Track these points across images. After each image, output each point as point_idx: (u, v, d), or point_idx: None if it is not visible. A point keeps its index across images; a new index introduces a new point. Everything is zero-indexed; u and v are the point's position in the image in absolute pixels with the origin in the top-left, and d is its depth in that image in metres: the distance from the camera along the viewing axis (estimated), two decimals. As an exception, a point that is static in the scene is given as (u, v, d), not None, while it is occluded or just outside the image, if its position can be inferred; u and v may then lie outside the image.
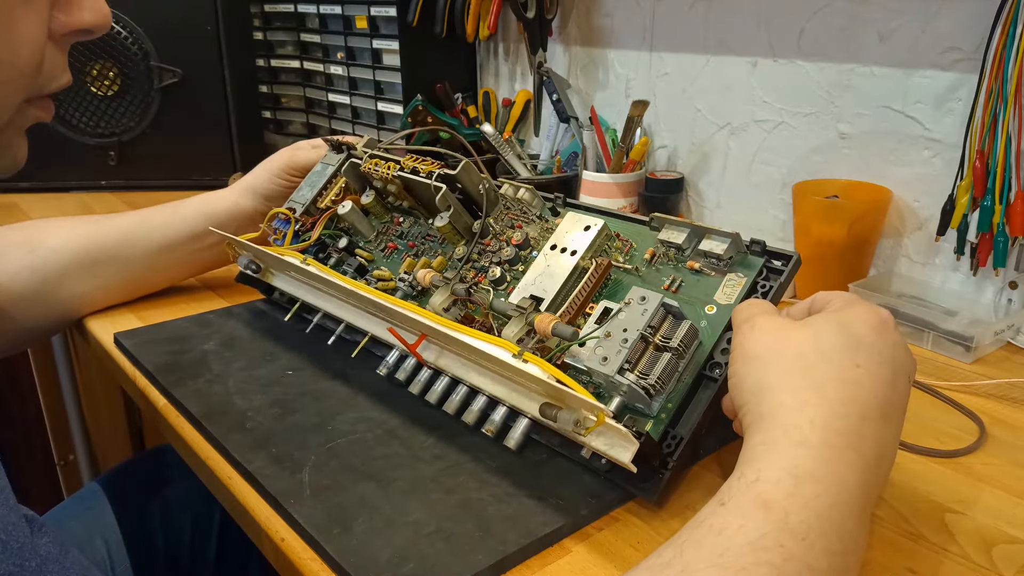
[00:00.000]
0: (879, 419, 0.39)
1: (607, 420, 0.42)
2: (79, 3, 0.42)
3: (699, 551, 0.34)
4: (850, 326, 0.41)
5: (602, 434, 0.45)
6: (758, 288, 0.50)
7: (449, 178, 0.60)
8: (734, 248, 0.51)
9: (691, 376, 0.48)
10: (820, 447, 0.36)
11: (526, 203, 0.61)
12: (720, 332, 0.49)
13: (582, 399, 0.42)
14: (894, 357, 0.41)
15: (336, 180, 0.71)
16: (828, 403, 0.38)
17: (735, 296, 0.50)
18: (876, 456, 0.38)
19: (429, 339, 0.55)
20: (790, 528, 0.34)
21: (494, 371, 0.51)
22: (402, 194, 0.65)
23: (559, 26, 1.11)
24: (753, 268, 0.51)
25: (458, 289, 0.56)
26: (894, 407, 0.40)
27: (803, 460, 0.36)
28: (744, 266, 0.51)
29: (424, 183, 0.61)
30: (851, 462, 0.36)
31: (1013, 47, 0.64)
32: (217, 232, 0.70)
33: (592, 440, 0.45)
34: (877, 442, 0.38)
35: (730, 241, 0.51)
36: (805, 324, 0.42)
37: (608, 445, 0.44)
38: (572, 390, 0.42)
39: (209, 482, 0.54)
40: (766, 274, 0.51)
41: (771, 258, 0.51)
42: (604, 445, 0.45)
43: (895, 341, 0.42)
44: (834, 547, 0.34)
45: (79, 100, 1.14)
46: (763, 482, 0.36)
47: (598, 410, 0.41)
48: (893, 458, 0.40)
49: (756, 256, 0.51)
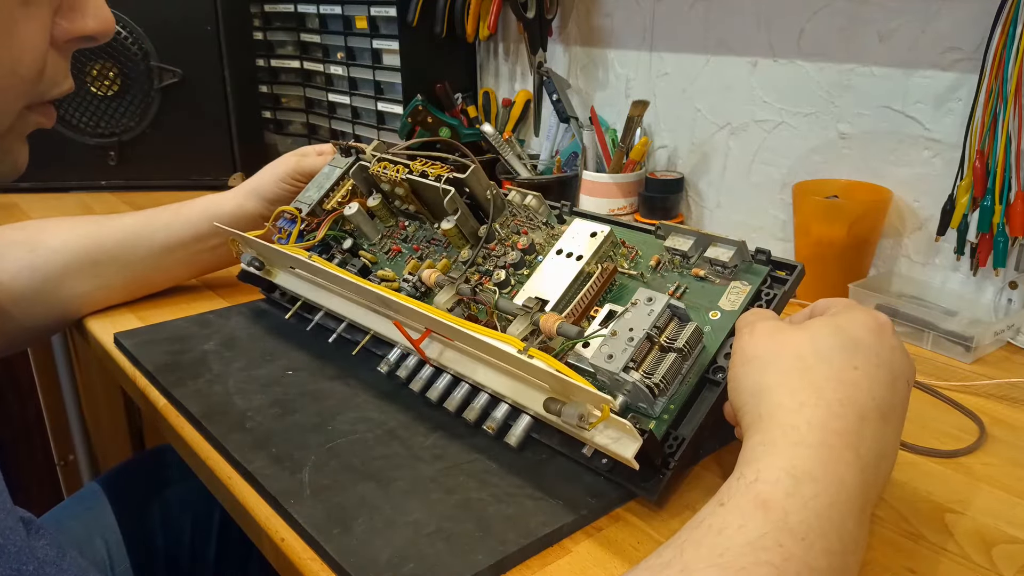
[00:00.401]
0: (877, 420, 0.39)
1: (611, 415, 0.42)
2: (82, 10, 0.42)
3: (699, 551, 0.34)
4: (848, 329, 0.41)
5: (605, 430, 0.45)
6: (762, 296, 0.51)
7: (458, 182, 0.60)
8: (739, 256, 0.52)
9: (695, 378, 0.48)
10: (818, 447, 0.37)
11: (532, 210, 0.62)
12: (724, 337, 0.49)
13: (588, 391, 0.42)
14: (892, 360, 0.41)
15: (343, 183, 0.71)
16: (826, 404, 0.38)
17: (739, 303, 0.50)
18: (875, 456, 0.38)
19: (433, 335, 0.55)
20: (789, 528, 0.34)
21: (498, 367, 0.51)
22: (409, 197, 0.65)
23: (559, 26, 1.11)
24: (758, 276, 0.51)
25: (463, 288, 0.56)
26: (893, 408, 0.40)
27: (801, 460, 0.36)
28: (749, 274, 0.52)
29: (433, 186, 0.61)
30: (849, 462, 0.37)
31: (1013, 47, 0.64)
32: (222, 228, 0.70)
33: (595, 436, 0.45)
34: (876, 442, 0.38)
35: (735, 249, 0.51)
36: (803, 327, 0.42)
37: (611, 440, 0.45)
38: (578, 383, 0.42)
39: (209, 482, 0.54)
40: (770, 283, 0.51)
41: (776, 267, 0.51)
42: (607, 440, 0.45)
43: (893, 344, 0.42)
44: (834, 547, 0.34)
45: (79, 100, 1.14)
46: (762, 482, 0.36)
47: (603, 402, 0.41)
48: (893, 459, 0.40)
49: (761, 265, 0.52)
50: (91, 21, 0.42)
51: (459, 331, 0.48)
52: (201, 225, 0.74)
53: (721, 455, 0.52)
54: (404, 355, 0.59)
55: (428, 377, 0.57)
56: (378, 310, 0.61)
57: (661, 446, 0.45)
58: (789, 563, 0.33)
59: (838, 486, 0.36)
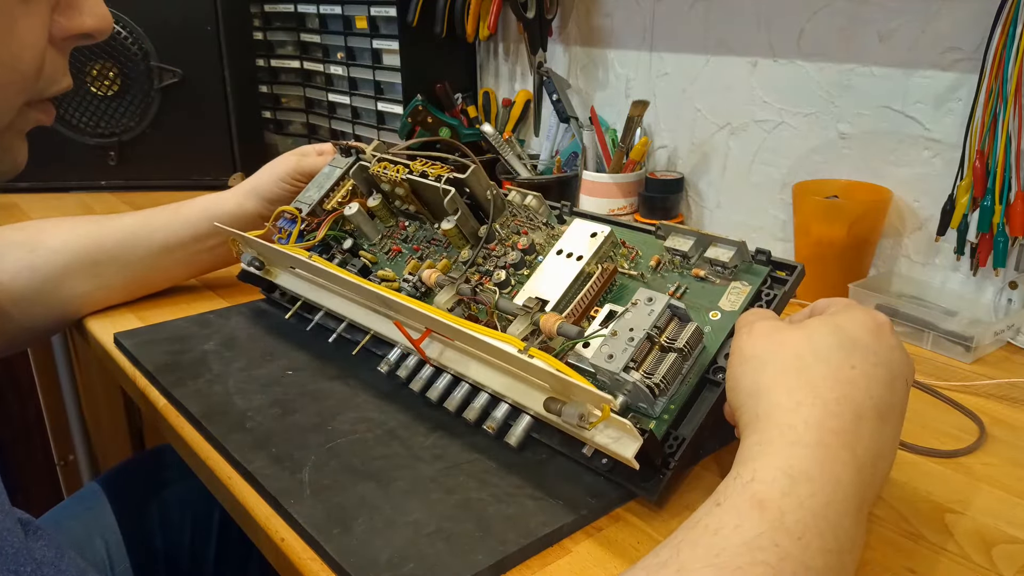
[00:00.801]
0: (875, 419, 0.39)
1: (612, 414, 0.42)
2: (80, 8, 0.42)
3: (695, 551, 0.34)
4: (846, 328, 0.41)
5: (605, 429, 0.45)
6: (762, 296, 0.51)
7: (458, 182, 0.60)
8: (739, 257, 0.52)
9: (695, 378, 0.48)
10: (815, 447, 0.36)
11: (533, 210, 0.62)
12: (724, 337, 0.49)
13: (588, 390, 0.42)
14: (890, 359, 0.41)
15: (344, 183, 0.71)
16: (823, 403, 0.38)
17: (739, 303, 0.50)
18: (872, 456, 0.38)
19: (433, 335, 0.55)
20: (786, 527, 0.34)
21: (499, 367, 0.51)
22: (409, 198, 0.65)
23: (559, 26, 1.11)
24: (758, 276, 0.51)
25: (464, 288, 0.56)
26: (891, 408, 0.40)
27: (798, 460, 0.36)
28: (749, 274, 0.52)
29: (433, 186, 0.61)
30: (846, 461, 0.36)
31: (1013, 47, 0.64)
32: (223, 228, 0.70)
33: (595, 436, 0.45)
34: (873, 442, 0.38)
35: (736, 249, 0.51)
36: (801, 326, 0.42)
37: (611, 440, 0.45)
38: (578, 382, 0.42)
39: (209, 482, 0.54)
40: (770, 283, 0.51)
41: (776, 268, 0.51)
42: (607, 440, 0.45)
43: (892, 344, 0.42)
44: (830, 546, 0.34)
45: (79, 100, 1.14)
46: (758, 482, 0.36)
47: (604, 402, 0.41)
48: (892, 458, 0.40)
49: (761, 265, 0.52)
50: (89, 19, 0.43)
51: (459, 331, 0.48)
52: (200, 225, 0.74)
53: (721, 455, 0.52)
54: (404, 355, 0.59)
55: (428, 377, 0.57)
56: (378, 310, 0.61)
57: (661, 446, 0.45)
58: (785, 563, 0.33)
59: (834, 485, 0.36)
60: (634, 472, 0.45)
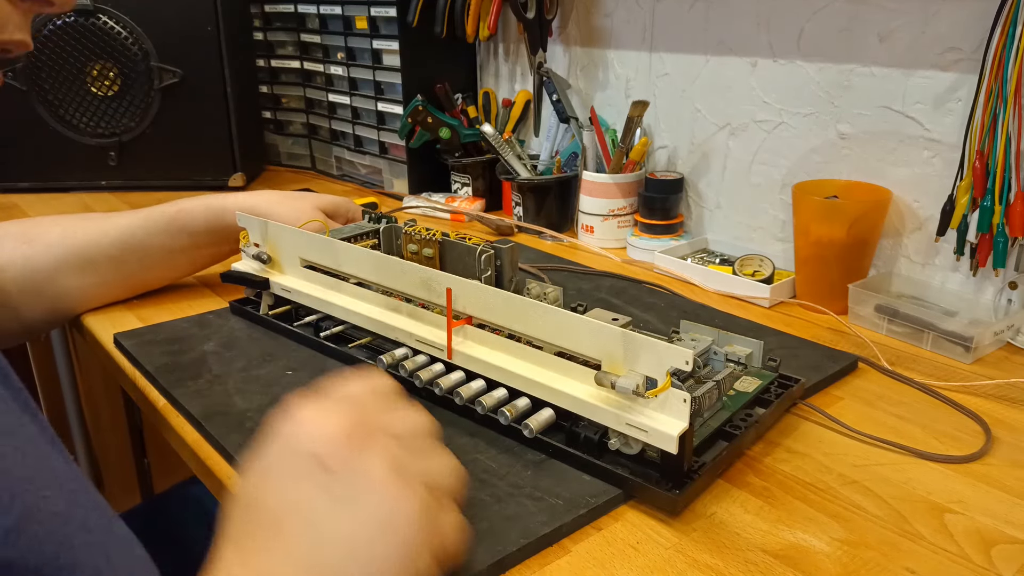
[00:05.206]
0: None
1: (672, 387, 0.44)
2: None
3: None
4: (298, 447, 0.36)
5: (646, 409, 0.46)
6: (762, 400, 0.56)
7: (496, 249, 0.59)
8: (755, 358, 0.58)
9: (716, 423, 0.52)
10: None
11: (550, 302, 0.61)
12: (739, 407, 0.54)
13: (657, 344, 0.44)
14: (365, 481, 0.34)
15: (369, 239, 0.69)
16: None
17: (751, 389, 0.56)
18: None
19: (471, 321, 0.56)
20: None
21: (534, 356, 0.52)
22: (434, 260, 0.63)
23: (559, 26, 1.11)
24: (764, 380, 0.57)
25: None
26: (386, 560, 0.33)
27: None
28: (757, 377, 0.57)
29: (466, 247, 0.59)
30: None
31: (1013, 47, 0.64)
32: (245, 216, 0.70)
33: (639, 414, 0.46)
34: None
35: (751, 351, 0.58)
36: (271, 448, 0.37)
37: (654, 419, 0.45)
38: (653, 339, 0.45)
39: (209, 482, 0.54)
40: (776, 387, 0.57)
41: (781, 378, 0.58)
42: (650, 420, 0.45)
43: (370, 451, 0.35)
44: None
45: (79, 100, 1.14)
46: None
47: (682, 359, 0.43)
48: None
49: (769, 372, 0.58)
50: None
51: (527, 303, 0.50)
52: (198, 224, 0.74)
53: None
54: (404, 355, 0.59)
55: (428, 377, 0.57)
56: (404, 303, 0.60)
57: (690, 455, 0.47)
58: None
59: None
60: (652, 477, 0.47)
